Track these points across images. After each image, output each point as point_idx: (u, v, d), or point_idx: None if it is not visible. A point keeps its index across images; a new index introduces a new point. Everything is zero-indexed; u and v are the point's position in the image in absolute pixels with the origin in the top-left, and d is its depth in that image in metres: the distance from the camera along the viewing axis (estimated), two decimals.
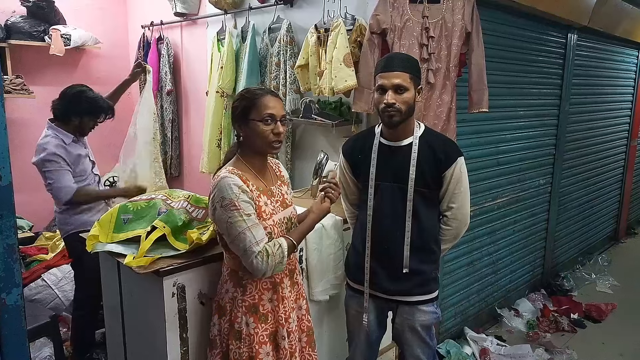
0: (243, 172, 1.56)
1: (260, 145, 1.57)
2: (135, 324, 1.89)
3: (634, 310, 3.75)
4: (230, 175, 1.51)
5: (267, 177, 1.67)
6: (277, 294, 1.63)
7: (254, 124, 1.54)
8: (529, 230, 3.83)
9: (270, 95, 1.57)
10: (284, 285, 1.65)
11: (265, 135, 1.54)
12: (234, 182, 1.49)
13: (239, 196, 1.48)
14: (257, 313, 1.60)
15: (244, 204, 1.48)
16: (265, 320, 1.61)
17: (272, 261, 1.49)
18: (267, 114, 1.53)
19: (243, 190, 1.49)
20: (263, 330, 1.60)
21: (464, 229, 1.93)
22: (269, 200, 1.61)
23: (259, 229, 1.50)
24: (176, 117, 4.05)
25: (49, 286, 3.25)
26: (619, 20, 4.25)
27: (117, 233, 1.84)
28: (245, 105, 1.55)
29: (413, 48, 2.32)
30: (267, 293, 1.62)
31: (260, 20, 3.12)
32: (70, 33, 3.85)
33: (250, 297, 1.60)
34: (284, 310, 1.64)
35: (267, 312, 1.62)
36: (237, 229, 1.47)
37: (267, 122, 1.53)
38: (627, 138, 5.35)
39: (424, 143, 1.82)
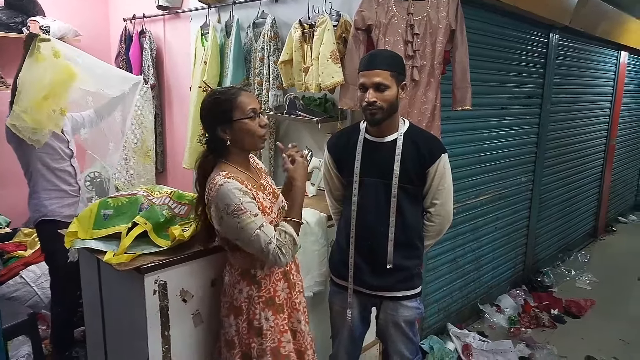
0: (235, 174, 1.55)
1: (249, 142, 1.58)
2: (115, 322, 1.86)
3: (612, 306, 3.84)
4: (227, 180, 1.50)
5: (254, 173, 1.68)
6: (288, 282, 1.68)
7: (240, 123, 1.55)
8: (511, 227, 3.88)
9: (244, 92, 1.59)
10: (293, 271, 1.71)
11: (254, 130, 1.56)
12: (234, 186, 1.49)
13: (242, 199, 1.48)
14: (274, 305, 1.63)
15: (248, 206, 1.49)
16: (282, 310, 1.65)
17: (287, 250, 1.53)
18: (250, 109, 1.55)
19: (244, 192, 1.50)
20: (282, 320, 1.65)
21: (447, 226, 1.95)
22: (264, 194, 1.63)
23: (269, 226, 1.53)
24: (159, 112, 3.99)
25: (28, 283, 3.18)
26: (599, 20, 4.32)
27: (97, 229, 1.80)
28: (224, 109, 1.54)
29: (398, 45, 2.32)
30: (280, 283, 1.66)
31: (245, 15, 3.09)
32: (49, 25, 3.75)
33: (266, 292, 1.62)
34: (296, 295, 1.70)
35: (282, 302, 1.66)
36: (249, 232, 1.48)
37: (251, 117, 1.55)
38: (606, 137, 5.45)
39: (409, 139, 1.83)
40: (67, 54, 2.65)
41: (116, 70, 3.49)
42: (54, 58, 2.54)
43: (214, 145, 1.60)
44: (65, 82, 2.58)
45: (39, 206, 2.62)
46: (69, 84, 2.60)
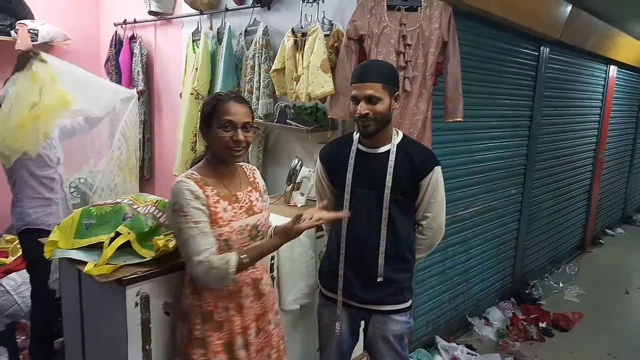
0: (204, 176, 1.53)
1: (220, 152, 1.54)
2: (95, 335, 1.81)
3: (599, 319, 3.84)
4: (186, 179, 1.49)
5: (235, 183, 1.62)
6: (234, 303, 1.58)
7: (214, 131, 1.51)
8: (500, 239, 3.87)
9: (233, 101, 1.52)
10: (243, 295, 1.60)
11: (224, 142, 1.50)
12: (187, 187, 1.47)
13: (189, 202, 1.45)
14: (212, 321, 1.56)
15: (193, 211, 1.45)
16: (220, 328, 1.56)
17: (214, 274, 1.45)
18: (225, 120, 1.49)
19: (196, 197, 1.46)
20: (217, 339, 1.56)
21: (439, 239, 1.93)
22: (231, 206, 1.55)
23: (206, 238, 1.46)
24: (148, 118, 3.95)
25: (8, 292, 3.11)
26: (588, 35, 4.36)
27: (79, 239, 1.75)
28: (207, 112, 1.53)
29: (390, 55, 2.31)
30: (223, 301, 1.57)
31: (237, 22, 3.06)
32: (38, 28, 3.70)
33: (206, 304, 1.55)
34: (242, 320, 1.59)
35: (222, 320, 1.56)
36: (183, 235, 1.46)
37: (226, 128, 1.49)
38: (594, 150, 5.50)
39: (402, 151, 1.81)
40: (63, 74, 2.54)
41: (109, 85, 3.33)
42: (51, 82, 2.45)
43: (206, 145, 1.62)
44: (58, 107, 2.49)
45: (23, 215, 2.55)
46: (61, 110, 2.51)
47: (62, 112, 2.52)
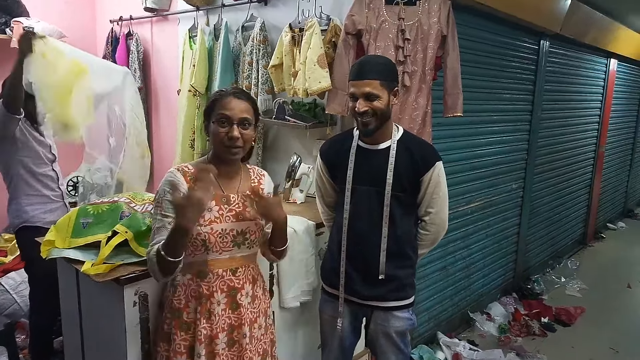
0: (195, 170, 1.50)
1: (216, 148, 1.49)
2: (94, 334, 1.79)
3: (601, 314, 3.82)
4: (174, 171, 1.49)
5: (232, 184, 1.55)
6: (202, 307, 1.49)
7: (212, 125, 1.48)
8: (502, 234, 3.85)
9: (232, 97, 1.47)
10: (214, 301, 1.49)
11: (219, 137, 1.45)
12: (170, 179, 1.47)
13: (165, 194, 1.45)
14: (180, 319, 1.50)
15: (166, 203, 1.44)
16: (187, 329, 1.50)
17: (149, 266, 1.42)
18: (220, 115, 1.45)
19: (174, 191, 1.43)
20: (182, 339, 1.50)
21: (442, 234, 1.91)
22: (218, 206, 1.49)
23: (165, 232, 1.41)
24: (146, 115, 3.91)
25: (7, 291, 3.09)
26: (588, 28, 4.33)
27: (76, 238, 1.74)
28: (208, 106, 1.51)
29: (389, 50, 2.28)
30: (193, 302, 1.50)
31: (234, 18, 3.04)
32: (33, 26, 3.66)
33: (177, 300, 1.52)
34: (209, 326, 1.49)
35: (190, 321, 1.50)
36: (152, 224, 1.49)
37: (222, 123, 1.45)
38: (595, 144, 5.47)
39: (402, 147, 1.79)
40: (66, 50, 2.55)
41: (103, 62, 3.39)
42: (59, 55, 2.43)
43: None
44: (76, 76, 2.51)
45: (20, 212, 2.52)
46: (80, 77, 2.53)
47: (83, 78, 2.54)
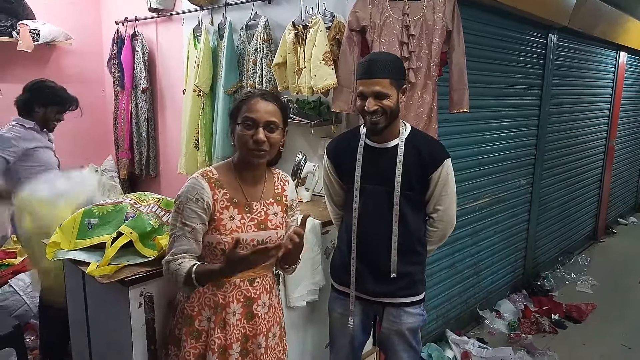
0: (223, 176, 1.47)
1: (241, 152, 1.45)
2: (101, 335, 1.80)
3: (613, 310, 3.77)
4: (199, 177, 1.45)
5: (255, 191, 1.51)
6: (217, 316, 1.47)
7: (237, 127, 1.44)
8: (511, 230, 3.82)
9: (260, 98, 1.43)
10: (230, 311, 1.47)
11: (244, 140, 1.41)
12: (195, 185, 1.43)
13: (187, 202, 1.41)
14: (191, 326, 1.48)
15: (188, 212, 1.41)
16: (197, 337, 1.47)
17: (168, 277, 1.42)
18: (246, 118, 1.40)
19: (198, 198, 1.41)
20: (191, 347, 1.47)
21: (450, 231, 1.90)
22: (240, 215, 1.46)
23: (185, 242, 1.40)
24: (152, 115, 3.93)
25: (17, 292, 3.12)
26: (597, 21, 4.27)
27: (81, 239, 1.73)
28: (235, 108, 1.47)
29: (393, 46, 2.26)
30: (207, 310, 1.48)
31: (238, 16, 3.02)
32: (39, 28, 3.70)
33: (190, 308, 1.49)
34: (224, 335, 1.46)
35: (202, 330, 1.47)
36: (171, 229, 1.45)
37: (248, 126, 1.40)
38: (605, 138, 5.40)
39: (410, 145, 1.77)
40: None
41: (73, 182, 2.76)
42: None
43: None
44: None
45: None
46: None
47: None
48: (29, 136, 2.52)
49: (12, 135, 2.46)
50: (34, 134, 2.55)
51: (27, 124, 2.53)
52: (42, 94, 2.55)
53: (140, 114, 3.89)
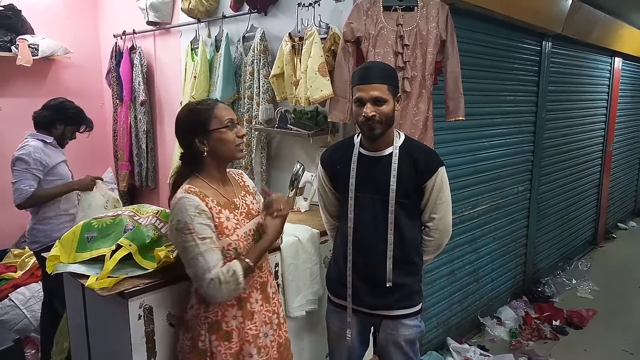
0: (201, 188, 1.51)
1: (227, 152, 1.55)
2: (101, 348, 1.80)
3: (614, 315, 3.77)
4: (187, 195, 1.46)
5: (229, 190, 1.61)
6: (243, 310, 1.56)
7: (218, 133, 1.51)
8: (509, 237, 3.82)
9: (220, 103, 1.58)
10: (253, 300, 1.59)
11: (232, 140, 1.53)
12: (191, 203, 1.44)
13: (194, 219, 1.42)
14: (220, 331, 1.53)
15: (199, 227, 1.43)
16: (229, 338, 1.53)
17: (225, 288, 1.43)
18: (228, 119, 1.52)
19: (200, 211, 1.44)
20: (226, 348, 1.53)
21: (446, 239, 1.89)
22: (232, 213, 1.55)
23: (214, 254, 1.44)
24: (151, 127, 3.96)
25: (17, 306, 3.12)
26: (591, 27, 4.31)
27: (81, 252, 1.74)
28: (202, 119, 1.51)
29: (388, 56, 2.28)
30: (232, 309, 1.54)
31: (235, 29, 3.06)
32: (38, 43, 3.73)
33: (213, 314, 1.53)
34: (253, 326, 1.57)
35: (231, 329, 1.54)
36: (189, 254, 1.43)
37: (230, 127, 1.52)
38: (602, 143, 5.42)
39: (405, 153, 1.78)
40: None
41: None
42: None
43: (190, 158, 1.57)
44: None
45: (51, 231, 2.63)
46: None
47: None
48: (51, 152, 2.64)
49: (39, 154, 2.57)
50: (54, 150, 2.67)
51: (47, 139, 2.65)
52: (66, 113, 2.69)
53: (139, 126, 3.91)
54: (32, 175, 2.54)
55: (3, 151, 3.59)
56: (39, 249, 2.61)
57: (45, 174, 2.60)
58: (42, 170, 2.58)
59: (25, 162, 2.53)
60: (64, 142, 2.76)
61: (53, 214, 2.66)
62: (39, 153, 2.56)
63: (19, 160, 2.53)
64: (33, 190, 2.53)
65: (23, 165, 2.53)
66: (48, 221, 2.65)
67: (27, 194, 2.51)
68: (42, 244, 2.62)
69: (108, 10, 4.25)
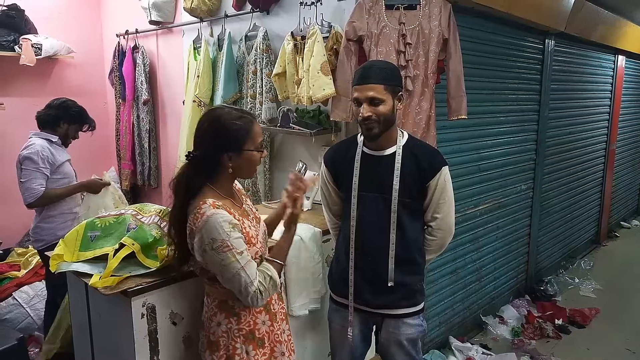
0: (223, 202, 1.46)
1: (249, 172, 1.55)
2: (104, 346, 1.80)
3: (617, 314, 3.76)
4: (217, 211, 1.39)
5: (237, 198, 1.59)
6: (269, 314, 1.59)
7: (249, 154, 1.48)
8: (512, 235, 3.82)
9: (256, 121, 1.53)
10: (274, 302, 1.62)
11: (258, 162, 1.53)
12: (224, 219, 1.39)
13: (229, 234, 1.38)
14: (255, 339, 1.54)
15: (236, 242, 1.39)
16: (263, 344, 1.56)
17: (266, 294, 1.46)
18: (260, 142, 1.52)
19: (234, 225, 1.41)
20: (262, 355, 1.55)
21: (449, 239, 1.89)
22: (249, 221, 1.54)
23: (252, 265, 1.44)
24: (153, 127, 3.97)
25: (21, 305, 3.14)
26: (594, 25, 4.29)
27: (84, 251, 1.75)
28: (238, 136, 1.45)
29: (390, 55, 2.28)
30: (261, 315, 1.57)
31: (237, 28, 3.06)
32: (41, 42, 3.74)
33: (246, 325, 1.53)
34: (278, 326, 1.61)
35: (262, 335, 1.56)
36: (231, 271, 1.39)
37: (260, 149, 1.52)
38: (605, 142, 5.41)
39: (408, 152, 1.77)
40: None
41: None
42: None
43: (207, 167, 1.48)
44: None
45: (55, 230, 2.65)
46: None
47: None
48: (56, 151, 2.66)
49: (47, 153, 2.59)
50: (59, 148, 2.69)
51: (53, 138, 2.67)
52: (69, 112, 2.71)
53: (142, 125, 3.92)
54: (42, 174, 2.56)
55: (6, 150, 3.61)
56: (43, 247, 2.63)
57: (51, 173, 2.61)
58: (50, 169, 2.60)
59: (34, 161, 2.53)
60: (67, 141, 2.78)
61: (57, 213, 2.67)
62: (46, 152, 2.58)
63: (27, 159, 2.54)
64: (43, 189, 2.54)
65: (32, 164, 2.53)
66: (52, 219, 2.66)
67: (38, 193, 2.52)
68: (46, 242, 2.63)
69: (111, 9, 4.26)
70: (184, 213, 1.46)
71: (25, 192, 2.53)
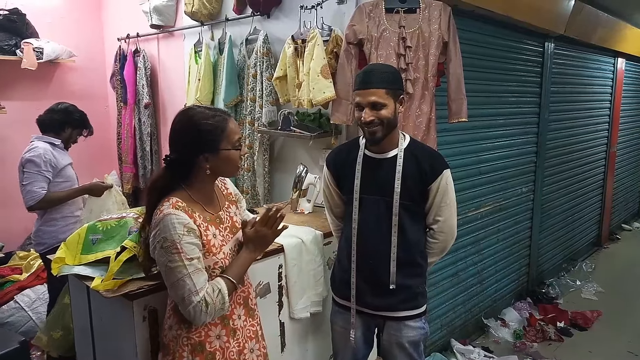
0: (188, 203, 1.40)
1: (229, 170, 1.50)
2: (106, 349, 1.80)
3: (618, 316, 3.75)
4: (175, 211, 1.34)
5: (214, 203, 1.52)
6: (226, 328, 1.47)
7: (226, 153, 1.43)
8: (513, 238, 3.81)
9: (231, 119, 1.47)
10: (235, 316, 1.51)
11: (237, 159, 1.48)
12: (179, 220, 1.33)
13: (182, 237, 1.32)
14: (204, 352, 1.43)
15: (187, 247, 1.33)
16: (213, 359, 1.45)
17: (212, 309, 1.35)
18: (237, 140, 1.46)
19: (189, 229, 1.34)
20: None
21: (451, 242, 1.88)
22: (218, 229, 1.47)
23: (201, 275, 1.35)
24: (155, 130, 3.98)
25: (22, 308, 3.14)
26: (594, 28, 4.30)
27: (86, 254, 1.75)
28: (213, 137, 1.41)
29: (390, 58, 2.29)
30: (215, 329, 1.46)
31: (238, 31, 3.08)
32: (43, 46, 3.76)
33: (196, 335, 1.43)
34: (237, 343, 1.49)
35: (214, 349, 1.45)
36: (176, 275, 1.32)
37: (238, 147, 1.47)
38: (606, 144, 5.41)
39: (409, 155, 1.78)
40: None
41: None
42: None
43: (182, 169, 1.44)
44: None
45: (57, 233, 2.65)
46: None
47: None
48: (59, 154, 2.67)
49: (49, 156, 2.60)
50: (61, 152, 2.71)
51: (55, 142, 2.69)
52: (73, 116, 2.74)
53: (144, 128, 3.93)
54: (44, 177, 2.56)
55: (7, 153, 3.63)
56: (45, 250, 2.63)
57: (54, 176, 2.62)
58: (52, 172, 2.60)
59: (36, 164, 2.54)
60: (69, 145, 2.80)
61: (59, 216, 2.68)
62: (48, 155, 2.59)
63: (29, 162, 2.54)
64: (45, 193, 2.55)
65: (34, 167, 2.54)
66: (54, 223, 2.67)
67: (39, 196, 2.53)
68: (48, 245, 2.64)
69: (112, 13, 4.28)
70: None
71: (27, 195, 2.54)
